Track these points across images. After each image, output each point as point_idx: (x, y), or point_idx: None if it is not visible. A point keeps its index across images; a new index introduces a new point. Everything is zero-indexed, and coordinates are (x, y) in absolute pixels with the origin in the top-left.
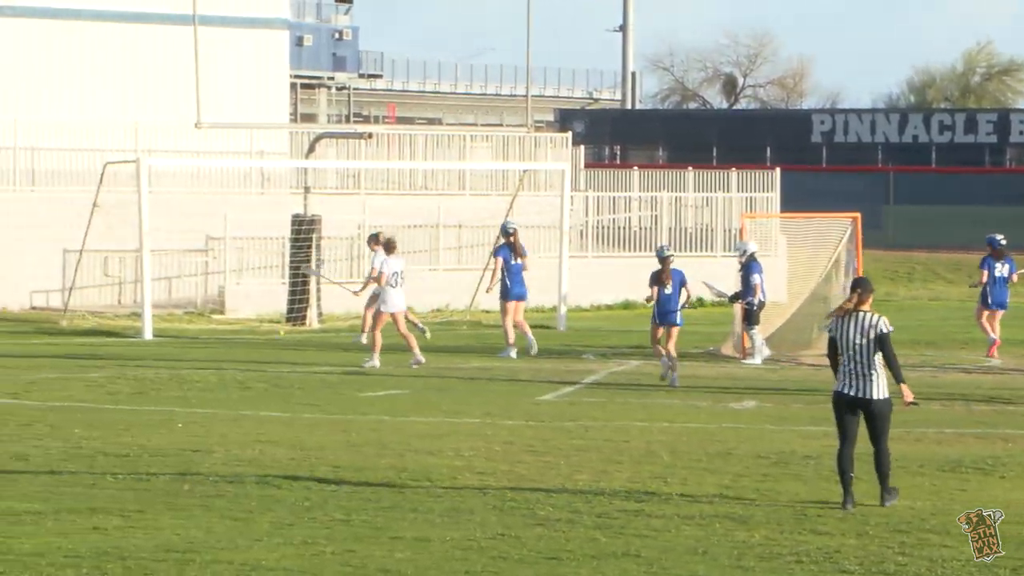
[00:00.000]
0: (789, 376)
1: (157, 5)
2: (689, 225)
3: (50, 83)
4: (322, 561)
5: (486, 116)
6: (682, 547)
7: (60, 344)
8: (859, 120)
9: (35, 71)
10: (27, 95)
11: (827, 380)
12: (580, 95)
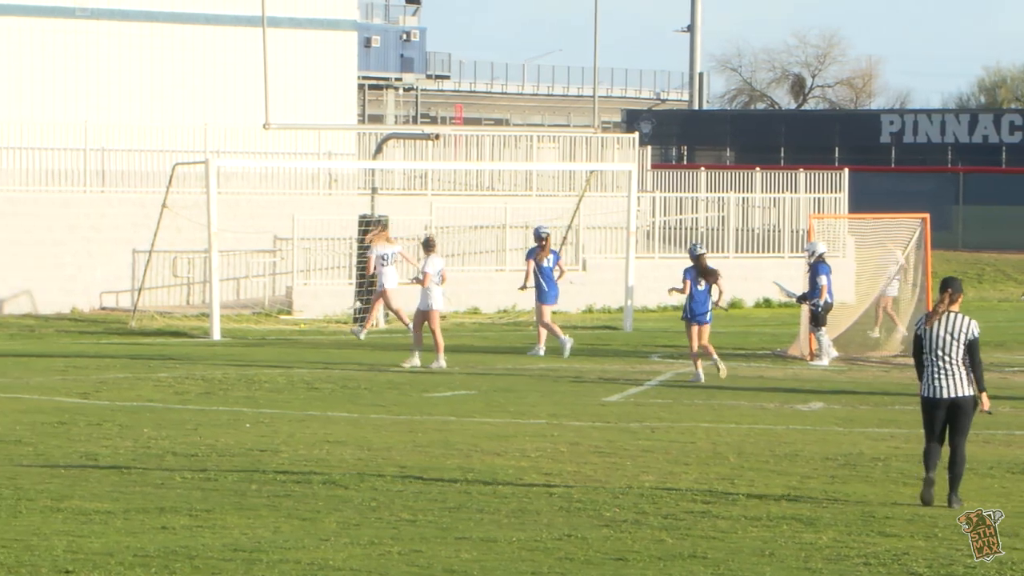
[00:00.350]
0: (857, 377)
1: (227, 7)
2: (756, 226)
3: (120, 85)
4: (388, 561)
5: (553, 117)
6: (749, 549)
7: (129, 344)
8: (928, 120)
9: (106, 73)
10: (97, 97)
11: (894, 382)
12: (647, 95)
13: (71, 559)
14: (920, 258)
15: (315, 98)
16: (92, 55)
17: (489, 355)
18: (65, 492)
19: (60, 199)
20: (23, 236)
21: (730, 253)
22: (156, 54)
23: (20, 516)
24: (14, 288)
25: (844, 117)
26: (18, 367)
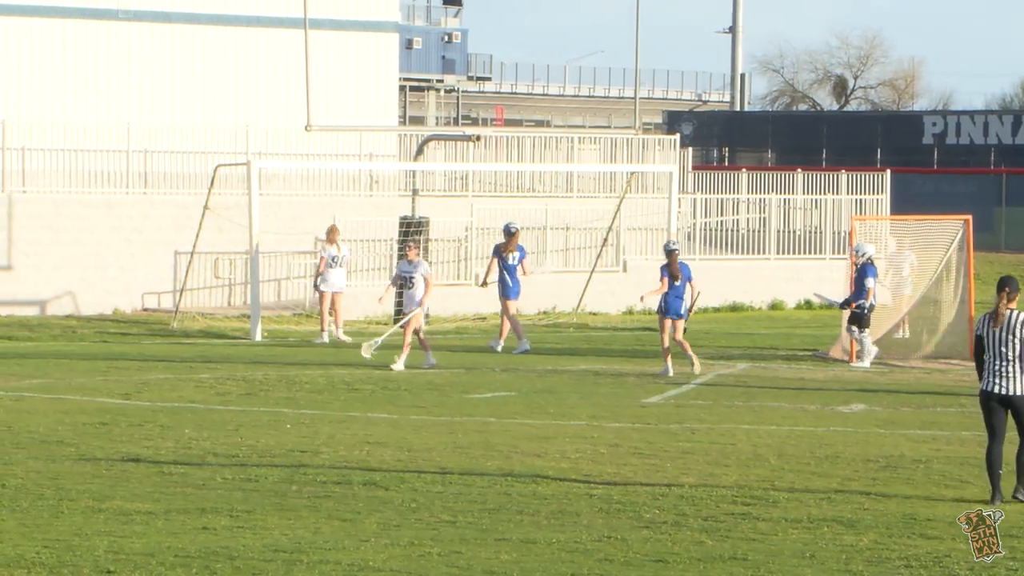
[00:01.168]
0: (898, 379)
1: (268, 9)
2: (798, 227)
3: (163, 87)
4: (428, 562)
5: (594, 118)
6: (789, 551)
7: (171, 345)
8: (971, 122)
9: (148, 75)
10: (140, 99)
11: (936, 383)
12: (688, 97)
13: (112, 559)
14: (963, 260)
15: (356, 100)
16: (134, 57)
17: (529, 356)
18: (107, 492)
19: (103, 201)
20: (66, 237)
21: (771, 255)
22: (198, 56)
23: (62, 516)
24: (57, 289)
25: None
26: (60, 368)
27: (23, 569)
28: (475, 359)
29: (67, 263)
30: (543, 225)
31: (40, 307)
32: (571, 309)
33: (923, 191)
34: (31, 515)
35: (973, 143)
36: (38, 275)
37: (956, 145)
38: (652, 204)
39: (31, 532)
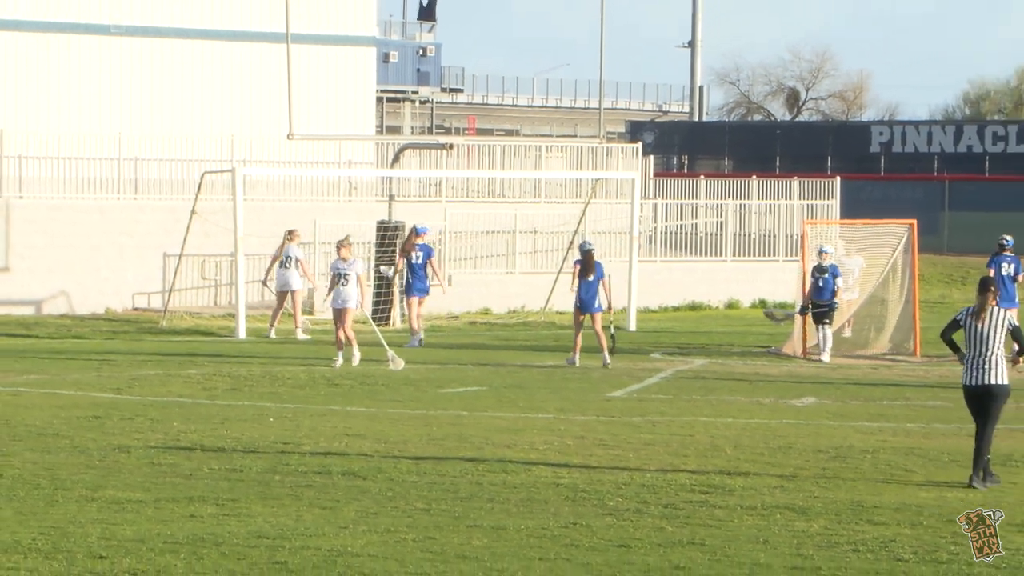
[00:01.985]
0: (848, 374)
1: (253, 25)
2: (753, 231)
3: (152, 98)
4: (404, 548)
5: (560, 128)
6: (744, 536)
7: (160, 343)
8: (916, 131)
9: (139, 87)
10: (130, 109)
11: (883, 378)
12: (650, 108)
13: (105, 546)
14: (908, 262)
15: (336, 110)
16: (125, 70)
17: (500, 352)
18: (99, 482)
19: (95, 206)
20: (60, 241)
21: (728, 257)
22: (186, 68)
23: (57, 505)
24: (52, 290)
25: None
26: (55, 364)
27: (20, 555)
28: (448, 355)
29: (61, 265)
30: (513, 229)
31: (36, 307)
32: (539, 308)
33: (871, 197)
34: (27, 504)
35: (918, 151)
36: (34, 276)
37: (902, 153)
38: (616, 209)
39: (27, 520)
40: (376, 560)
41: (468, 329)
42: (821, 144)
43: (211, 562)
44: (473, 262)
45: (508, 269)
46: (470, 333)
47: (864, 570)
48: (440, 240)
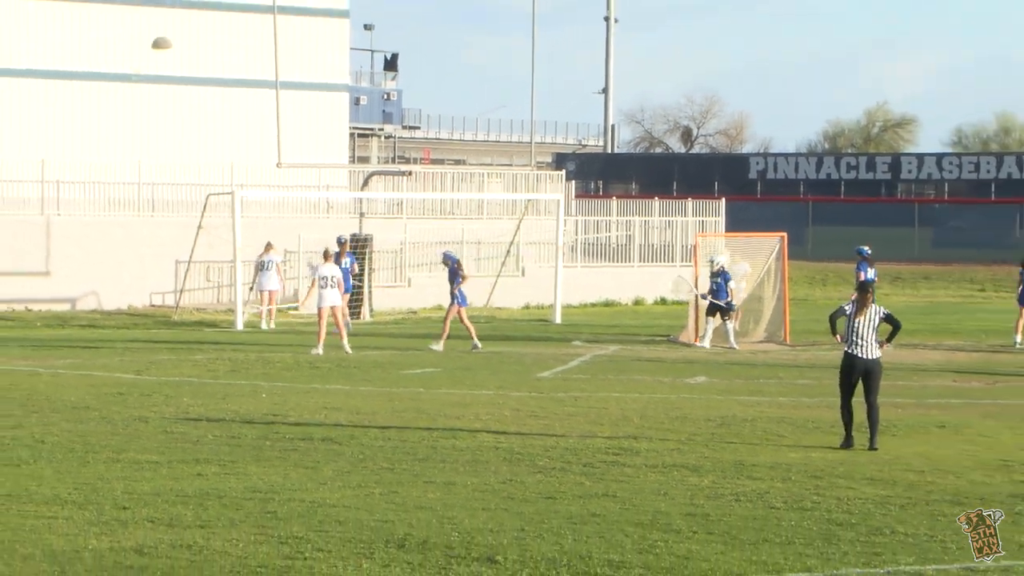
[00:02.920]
0: (732, 358)
1: (249, 73)
2: (655, 242)
3: (166, 132)
4: (372, 500)
5: (499, 158)
6: (648, 489)
7: (172, 333)
8: (786, 161)
9: (155, 123)
10: (148, 142)
11: (760, 361)
12: (572, 142)
13: (127, 498)
14: (779, 267)
15: (316, 143)
16: (144, 109)
17: (451, 341)
18: (123, 447)
19: (120, 222)
20: (91, 250)
21: (635, 263)
22: (193, 109)
23: (88, 465)
24: (84, 290)
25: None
26: (87, 351)
27: (58, 505)
28: (408, 343)
29: (92, 270)
30: (461, 240)
31: (71, 304)
32: (482, 305)
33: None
34: (64, 464)
35: (787, 178)
36: (69, 279)
37: (774, 179)
38: (544, 224)
39: (64, 477)
40: (349, 510)
41: (424, 323)
42: (710, 172)
43: (214, 512)
44: (428, 267)
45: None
46: (426, 325)
47: (744, 516)
48: (401, 249)
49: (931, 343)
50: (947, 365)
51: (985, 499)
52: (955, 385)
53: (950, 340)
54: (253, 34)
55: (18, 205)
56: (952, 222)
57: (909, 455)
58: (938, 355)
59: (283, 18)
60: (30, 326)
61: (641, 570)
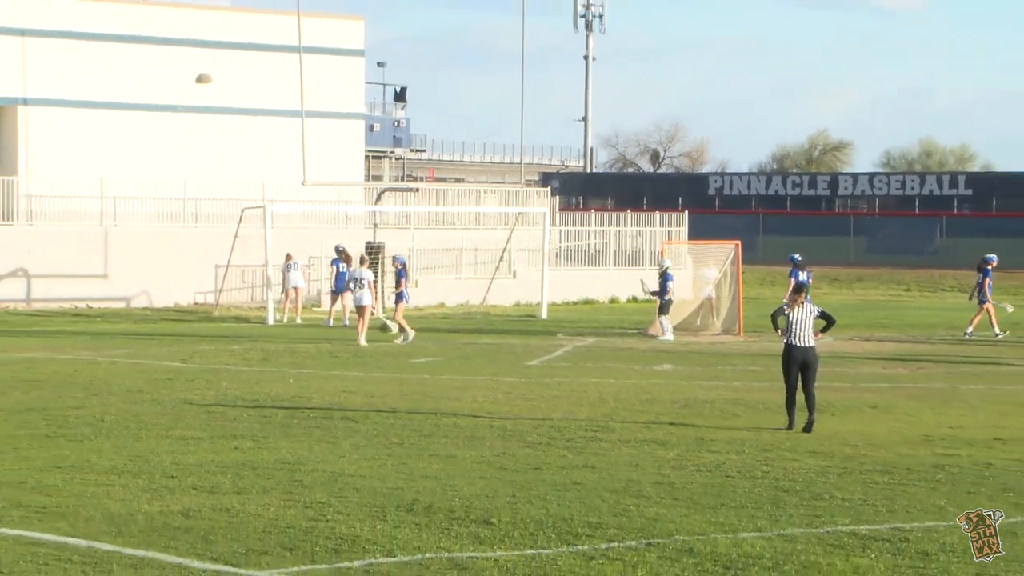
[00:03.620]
0: (694, 348)
1: (279, 104)
2: (627, 248)
3: (208, 154)
4: (385, 470)
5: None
6: (622, 461)
7: (212, 327)
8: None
9: (199, 147)
10: (191, 163)
11: (718, 351)
12: (556, 163)
13: (174, 468)
14: (734, 271)
15: (336, 164)
16: (188, 135)
17: (451, 334)
18: (170, 425)
19: (168, 231)
20: (143, 256)
21: (611, 267)
22: (231, 134)
23: (141, 440)
24: (137, 290)
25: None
26: (139, 342)
27: (115, 475)
28: (415, 336)
29: (144, 273)
30: (460, 247)
31: (126, 302)
32: (479, 303)
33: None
34: (120, 439)
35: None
36: (124, 281)
37: (730, 195)
38: (532, 233)
39: (120, 450)
40: (365, 479)
41: (429, 318)
42: (675, 189)
43: (249, 480)
44: (432, 271)
45: (457, 276)
46: (431, 320)
47: (704, 484)
48: (410, 255)
49: (864, 336)
50: (877, 354)
51: (911, 469)
52: (884, 371)
53: (880, 333)
54: (282, 70)
55: (81, 218)
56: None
57: (845, 431)
58: (870, 346)
59: (308, 57)
60: (91, 321)
61: (615, 530)
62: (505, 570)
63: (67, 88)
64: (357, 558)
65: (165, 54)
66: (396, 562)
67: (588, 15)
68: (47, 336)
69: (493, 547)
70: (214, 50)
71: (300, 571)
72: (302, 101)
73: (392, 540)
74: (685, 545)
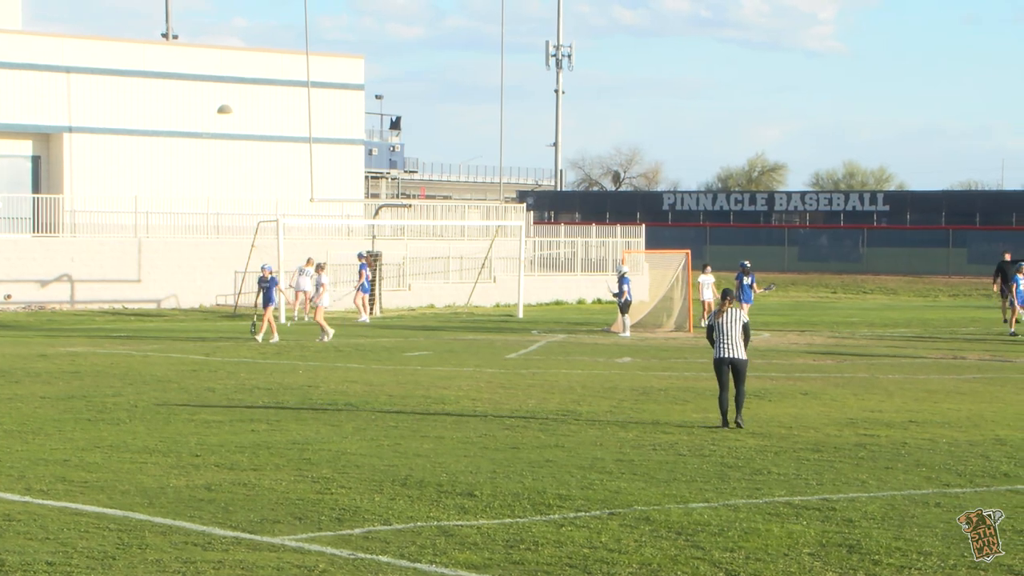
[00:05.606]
0: (650, 343)
1: (290, 131)
2: (592, 257)
3: (227, 174)
4: (382, 449)
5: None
6: (588, 442)
7: (232, 325)
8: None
9: (219, 168)
10: (213, 182)
11: (672, 346)
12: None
13: (199, 448)
14: (685, 276)
15: (339, 183)
16: (211, 158)
17: (440, 331)
18: (196, 410)
19: (193, 242)
20: (171, 263)
21: (578, 272)
22: (248, 156)
23: (170, 424)
24: (167, 293)
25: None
26: (169, 338)
27: (148, 454)
28: (408, 333)
29: (172, 278)
30: (448, 256)
31: (157, 303)
32: (463, 304)
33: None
34: (152, 423)
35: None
36: (156, 285)
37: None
38: (510, 243)
39: (152, 432)
40: (364, 457)
41: (420, 317)
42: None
43: (264, 459)
44: (424, 276)
45: (445, 280)
46: (422, 320)
47: (659, 461)
48: (404, 263)
49: (795, 331)
50: (808, 348)
51: (838, 447)
52: (814, 363)
53: (810, 329)
54: (292, 102)
55: (117, 230)
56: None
57: (780, 415)
58: (801, 340)
59: (315, 90)
60: (126, 320)
61: (583, 501)
62: (487, 536)
63: (106, 117)
64: (358, 526)
65: (191, 88)
66: (392, 530)
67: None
68: (88, 333)
69: (476, 516)
70: (233, 84)
71: (308, 537)
72: (310, 129)
73: (388, 510)
74: (643, 514)
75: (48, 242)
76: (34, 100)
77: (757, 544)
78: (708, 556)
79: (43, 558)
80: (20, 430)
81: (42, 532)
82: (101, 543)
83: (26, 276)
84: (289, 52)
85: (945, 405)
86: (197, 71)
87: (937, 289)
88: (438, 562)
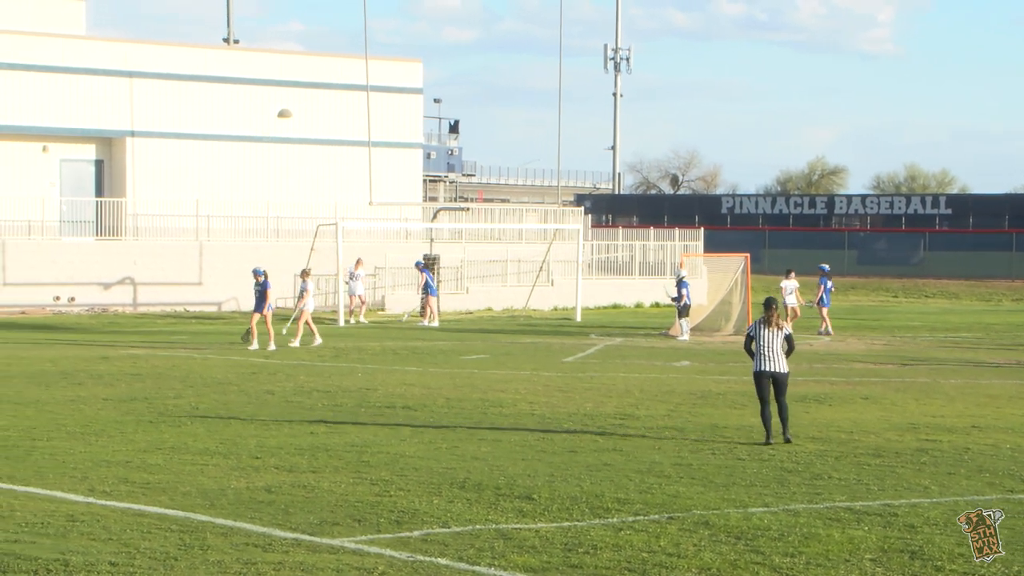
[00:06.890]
0: (708, 347)
1: (350, 135)
2: (650, 260)
3: (288, 178)
4: (439, 452)
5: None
6: (646, 445)
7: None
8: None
9: (281, 171)
10: (273, 186)
11: (729, 350)
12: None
13: (259, 450)
14: (744, 280)
15: (398, 186)
16: (273, 162)
17: (497, 334)
18: (255, 412)
19: (253, 246)
20: (232, 266)
21: (636, 276)
22: (307, 161)
23: (230, 426)
24: (227, 296)
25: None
26: (229, 341)
27: (208, 455)
28: (465, 336)
29: (233, 281)
30: (505, 259)
31: (218, 306)
32: (521, 307)
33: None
34: (211, 426)
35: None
36: (216, 287)
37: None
38: (568, 247)
39: (211, 435)
40: (422, 460)
41: (477, 320)
42: (691, 208)
43: (323, 461)
44: (481, 279)
45: (502, 283)
46: (479, 322)
47: (718, 465)
48: (461, 266)
49: (855, 336)
50: (868, 352)
51: (899, 453)
52: (874, 367)
53: (870, 334)
54: (351, 106)
55: (179, 233)
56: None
57: (840, 420)
58: (862, 345)
59: (374, 94)
60: (187, 323)
61: (641, 505)
62: (545, 540)
63: (168, 122)
64: (416, 528)
65: (251, 92)
66: (450, 532)
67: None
68: (150, 335)
69: (535, 520)
70: (293, 89)
71: (367, 539)
72: (369, 133)
73: (447, 513)
74: (702, 518)
75: (111, 245)
76: (97, 105)
77: (818, 549)
78: (768, 561)
79: (106, 558)
80: (83, 432)
81: (105, 533)
82: (163, 544)
83: (89, 279)
84: (347, 56)
85: (1008, 410)
86: (257, 75)
87: (1000, 293)
88: (496, 565)
